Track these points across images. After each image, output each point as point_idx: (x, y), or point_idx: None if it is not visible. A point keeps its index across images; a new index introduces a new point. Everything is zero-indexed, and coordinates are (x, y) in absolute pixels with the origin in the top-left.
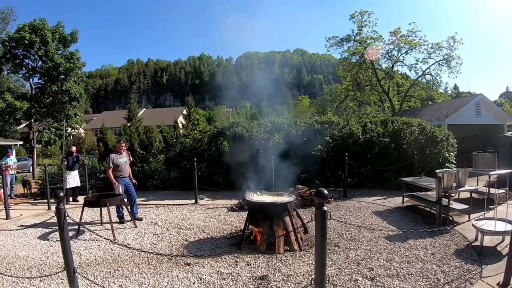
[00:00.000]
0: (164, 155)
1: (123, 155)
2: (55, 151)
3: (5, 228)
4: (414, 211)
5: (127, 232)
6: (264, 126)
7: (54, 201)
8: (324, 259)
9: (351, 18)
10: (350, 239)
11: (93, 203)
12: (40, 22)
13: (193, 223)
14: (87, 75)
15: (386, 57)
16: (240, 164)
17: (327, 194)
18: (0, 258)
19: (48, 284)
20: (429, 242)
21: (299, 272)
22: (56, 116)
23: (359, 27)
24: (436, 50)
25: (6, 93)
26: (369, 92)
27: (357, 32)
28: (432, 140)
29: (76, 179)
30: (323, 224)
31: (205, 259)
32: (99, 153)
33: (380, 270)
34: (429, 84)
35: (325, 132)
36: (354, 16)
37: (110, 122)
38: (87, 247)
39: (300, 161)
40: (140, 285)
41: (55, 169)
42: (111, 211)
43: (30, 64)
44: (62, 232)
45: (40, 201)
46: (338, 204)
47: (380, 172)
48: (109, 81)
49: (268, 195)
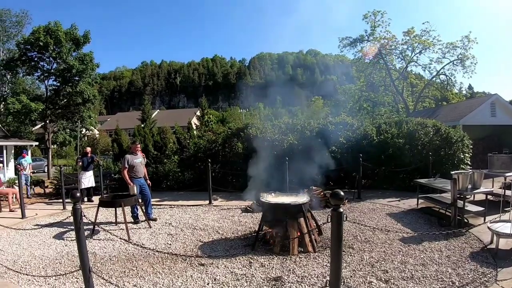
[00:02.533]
0: (178, 156)
1: (138, 156)
2: (69, 152)
3: (20, 227)
4: (429, 213)
5: (141, 232)
6: (278, 127)
7: (71, 201)
8: (340, 261)
9: (364, 18)
10: (365, 241)
11: (108, 203)
12: (54, 25)
13: (207, 223)
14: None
15: (400, 57)
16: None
17: (343, 195)
18: (16, 256)
19: (63, 283)
20: (444, 245)
21: (313, 273)
22: (71, 117)
23: (372, 27)
24: (451, 50)
25: (21, 95)
26: (383, 93)
27: (370, 32)
28: (447, 141)
29: (91, 180)
30: (339, 226)
31: (219, 259)
32: (114, 154)
33: (395, 273)
34: (444, 84)
35: (339, 133)
36: (367, 16)
37: (124, 123)
38: (101, 247)
39: (314, 162)
40: (155, 285)
41: (70, 170)
42: (126, 211)
43: (45, 66)
44: (78, 231)
45: (55, 201)
46: (352, 206)
47: (394, 173)
48: (123, 82)
49: (282, 196)
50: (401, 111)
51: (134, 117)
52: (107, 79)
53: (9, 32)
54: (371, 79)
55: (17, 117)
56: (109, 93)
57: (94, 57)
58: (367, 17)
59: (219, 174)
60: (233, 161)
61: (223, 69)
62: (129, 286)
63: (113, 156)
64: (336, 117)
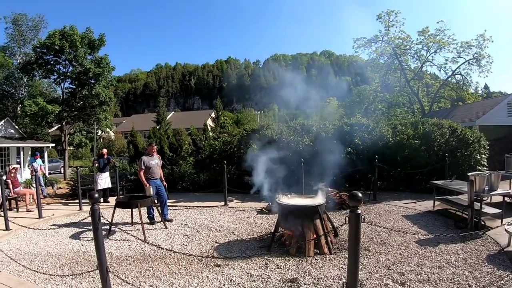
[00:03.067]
0: (194, 158)
1: (155, 157)
2: (85, 153)
3: (37, 227)
4: (445, 215)
5: (157, 233)
6: (294, 129)
7: (89, 202)
8: (357, 262)
9: (378, 18)
10: (381, 243)
11: (125, 204)
12: (70, 29)
13: (223, 225)
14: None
15: (415, 57)
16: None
17: (361, 197)
18: (33, 256)
19: (79, 282)
20: (461, 247)
21: (329, 275)
22: (87, 119)
23: (386, 27)
24: (466, 49)
25: (38, 97)
26: (398, 94)
27: (385, 32)
28: (463, 142)
29: (107, 181)
30: (356, 227)
31: (235, 260)
32: (130, 156)
33: (411, 275)
34: (459, 84)
35: (355, 135)
36: (381, 16)
37: (140, 125)
38: (118, 247)
39: (330, 164)
40: (171, 285)
41: (86, 171)
42: (142, 212)
43: (61, 69)
44: (96, 232)
45: (72, 201)
46: (368, 208)
47: (410, 175)
48: (138, 85)
49: (298, 197)
50: (417, 111)
51: (149, 119)
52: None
53: (25, 36)
54: (386, 79)
55: (33, 119)
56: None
57: (110, 60)
58: (381, 17)
59: (234, 175)
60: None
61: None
62: (146, 286)
63: (129, 158)
64: (352, 118)
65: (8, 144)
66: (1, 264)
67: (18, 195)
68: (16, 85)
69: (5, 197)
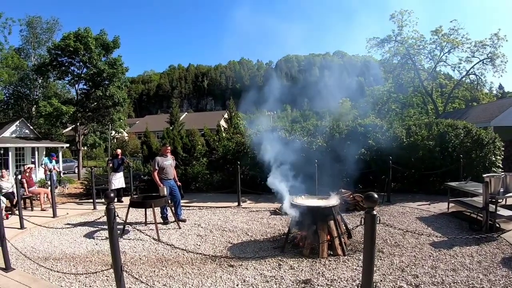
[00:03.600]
0: (207, 158)
1: (168, 158)
2: (99, 154)
3: (52, 225)
4: (460, 217)
5: (171, 233)
6: (307, 130)
7: (104, 201)
8: (372, 263)
9: (391, 18)
10: (395, 245)
11: (139, 204)
12: (84, 31)
13: (236, 225)
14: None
15: (429, 57)
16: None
17: (377, 198)
18: (47, 254)
19: (93, 280)
20: (475, 250)
21: (343, 277)
22: (101, 120)
23: (399, 27)
24: (480, 48)
25: (53, 98)
26: (411, 94)
27: (398, 32)
28: (478, 143)
29: (121, 181)
30: (372, 228)
31: (248, 261)
32: (143, 156)
33: (425, 278)
34: (473, 84)
35: (368, 135)
36: (394, 15)
37: (153, 125)
38: (131, 246)
39: (343, 165)
40: (184, 285)
41: (100, 171)
42: (156, 212)
43: (75, 71)
44: (111, 231)
45: (86, 201)
46: (381, 209)
47: (424, 176)
48: (151, 86)
49: (312, 198)
50: (431, 112)
51: (162, 120)
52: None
53: (40, 39)
54: (399, 80)
55: (48, 120)
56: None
57: (123, 61)
58: (394, 17)
59: (247, 176)
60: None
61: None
62: (159, 285)
63: (143, 158)
64: (365, 119)
65: (23, 144)
66: (16, 261)
67: (32, 194)
68: (31, 86)
69: (20, 196)
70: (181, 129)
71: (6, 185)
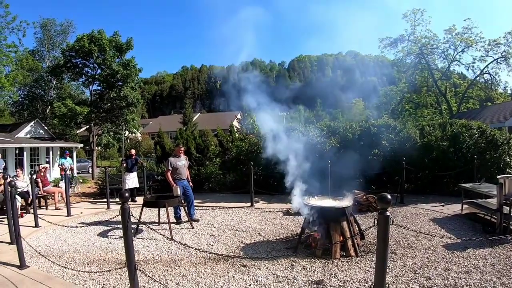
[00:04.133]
0: (220, 159)
1: (182, 158)
2: (112, 154)
3: (66, 224)
4: (473, 219)
5: (184, 233)
6: (320, 130)
7: (119, 201)
8: (385, 265)
9: (404, 17)
10: (407, 247)
11: (152, 203)
12: (98, 33)
13: (249, 225)
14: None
15: (442, 57)
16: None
17: (390, 199)
18: (61, 252)
19: (107, 278)
20: (489, 252)
21: (355, 278)
22: (115, 120)
23: (412, 26)
24: (494, 47)
25: (67, 99)
26: (425, 94)
27: (411, 31)
28: (492, 144)
29: (135, 181)
30: (385, 229)
31: (261, 261)
32: (156, 156)
33: (438, 280)
34: (488, 84)
35: (382, 136)
36: (407, 14)
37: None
38: (145, 246)
39: (356, 166)
40: (197, 284)
41: (114, 171)
42: (169, 211)
43: (89, 72)
44: (126, 230)
45: (99, 200)
46: (394, 211)
47: (438, 177)
48: (164, 87)
49: (325, 199)
50: (444, 112)
51: (175, 120)
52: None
53: (54, 40)
54: (412, 79)
55: (62, 120)
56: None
57: (136, 63)
58: (407, 16)
59: (260, 176)
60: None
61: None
62: (172, 284)
63: (156, 158)
64: (378, 120)
65: (38, 144)
66: (31, 259)
67: (47, 193)
68: (45, 87)
69: (35, 195)
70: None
71: (21, 184)
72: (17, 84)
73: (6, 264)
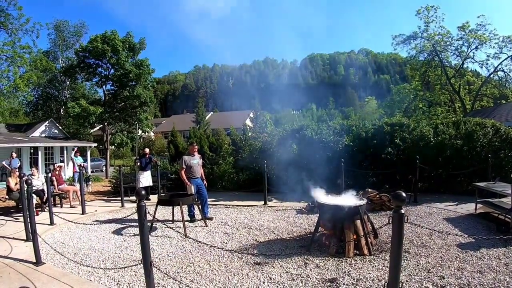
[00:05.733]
0: (233, 157)
1: (195, 156)
2: (126, 153)
3: (81, 222)
4: (487, 219)
5: (198, 231)
6: (333, 129)
7: (135, 199)
8: (399, 262)
9: (417, 14)
10: (421, 246)
11: (167, 201)
12: (111, 33)
13: (262, 224)
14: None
15: (456, 54)
16: (309, 166)
17: (405, 197)
18: (76, 249)
19: (122, 275)
20: (503, 252)
21: (369, 276)
22: (128, 120)
23: (425, 23)
24: (508, 44)
25: (81, 99)
26: (438, 92)
27: (424, 28)
28: (507, 142)
29: (149, 179)
30: (400, 227)
31: (275, 259)
32: (170, 155)
33: (451, 279)
34: (502, 81)
35: (395, 135)
36: (420, 11)
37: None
38: (159, 243)
39: (369, 164)
40: (211, 282)
41: (128, 170)
42: (183, 210)
43: (102, 72)
44: (142, 227)
45: (113, 198)
46: (408, 210)
47: (452, 176)
48: (177, 86)
49: (339, 198)
50: (458, 110)
51: (188, 120)
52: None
53: (67, 42)
54: (426, 77)
55: (76, 120)
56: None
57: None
58: (420, 13)
59: (274, 175)
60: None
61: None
62: (187, 281)
63: (169, 157)
64: (392, 118)
65: (52, 144)
66: (46, 256)
67: (62, 191)
68: (59, 88)
69: (50, 193)
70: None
71: (36, 182)
72: (31, 84)
73: (22, 260)
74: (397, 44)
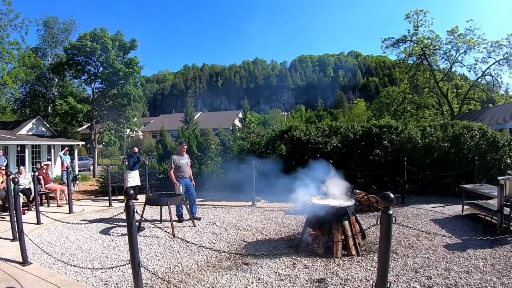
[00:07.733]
0: (222, 158)
1: (185, 156)
2: (114, 152)
3: (68, 221)
4: (474, 220)
5: (186, 231)
6: (322, 130)
7: (124, 198)
8: (387, 262)
9: (406, 18)
10: (408, 247)
11: (155, 201)
12: (101, 31)
13: (250, 224)
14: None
15: (444, 58)
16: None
17: (393, 198)
18: (63, 249)
19: (109, 275)
20: (489, 253)
21: (357, 277)
22: (116, 118)
23: (415, 27)
24: (496, 49)
25: (69, 97)
26: (427, 95)
27: (413, 32)
28: (493, 146)
29: (137, 179)
30: (388, 228)
31: (263, 259)
32: (158, 155)
33: (438, 279)
34: (489, 86)
35: (383, 136)
36: (409, 15)
37: (167, 125)
38: (147, 243)
39: (358, 166)
40: (200, 282)
41: (116, 169)
42: (171, 210)
43: (91, 70)
44: (130, 227)
45: (101, 198)
46: (395, 211)
47: (439, 178)
48: (166, 85)
49: (327, 199)
50: (446, 113)
51: (176, 119)
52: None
53: (56, 38)
54: (414, 80)
55: (64, 118)
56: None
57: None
58: (410, 17)
59: (262, 175)
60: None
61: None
62: (175, 281)
63: (158, 157)
64: (380, 120)
65: (40, 142)
66: (33, 256)
67: (49, 190)
68: (47, 85)
69: (37, 192)
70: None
71: (23, 181)
72: (19, 81)
73: (9, 260)
74: (386, 47)
